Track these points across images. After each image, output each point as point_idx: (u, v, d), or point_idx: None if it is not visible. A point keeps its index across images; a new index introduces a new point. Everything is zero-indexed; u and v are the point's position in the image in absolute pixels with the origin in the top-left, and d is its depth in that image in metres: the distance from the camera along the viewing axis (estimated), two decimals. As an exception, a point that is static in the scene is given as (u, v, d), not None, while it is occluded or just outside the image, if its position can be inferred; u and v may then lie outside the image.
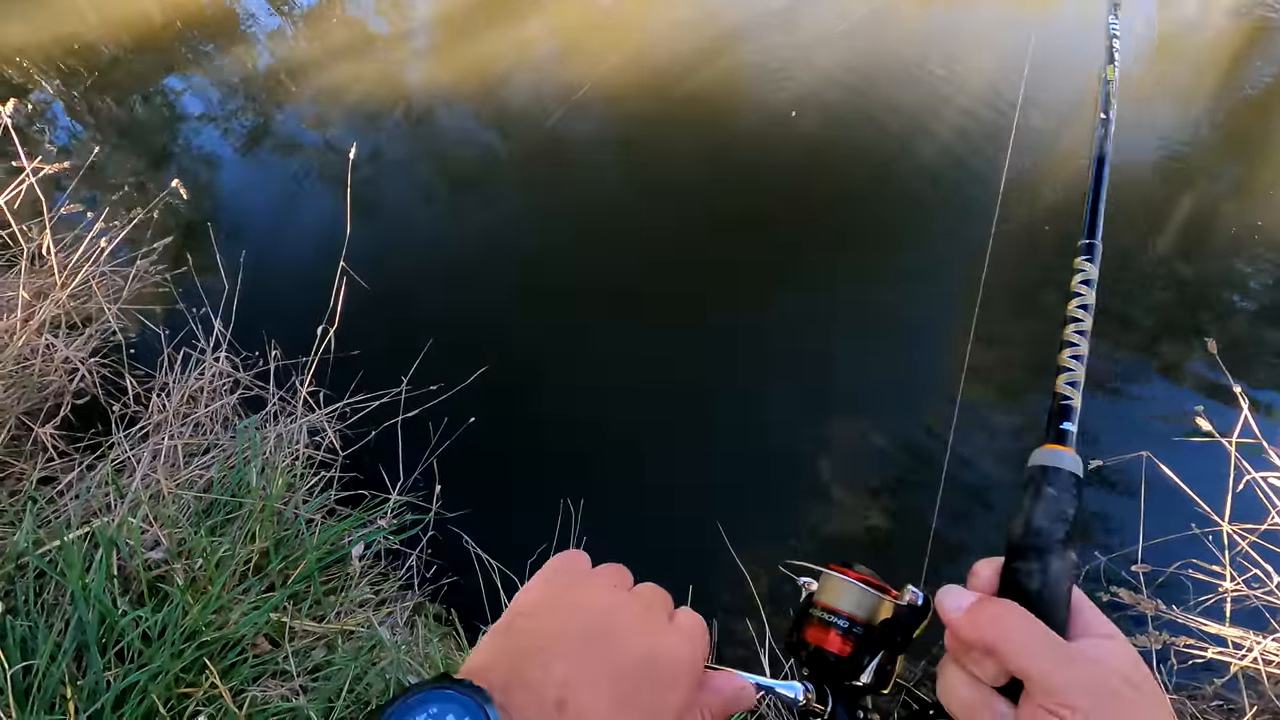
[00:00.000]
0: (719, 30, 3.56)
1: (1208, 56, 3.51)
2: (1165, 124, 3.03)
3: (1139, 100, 3.13)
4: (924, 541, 1.22)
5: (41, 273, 1.77)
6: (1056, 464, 0.38)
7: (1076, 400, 0.42)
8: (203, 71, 3.30)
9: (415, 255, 2.47)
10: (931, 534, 1.31)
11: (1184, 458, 1.43)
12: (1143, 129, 2.98)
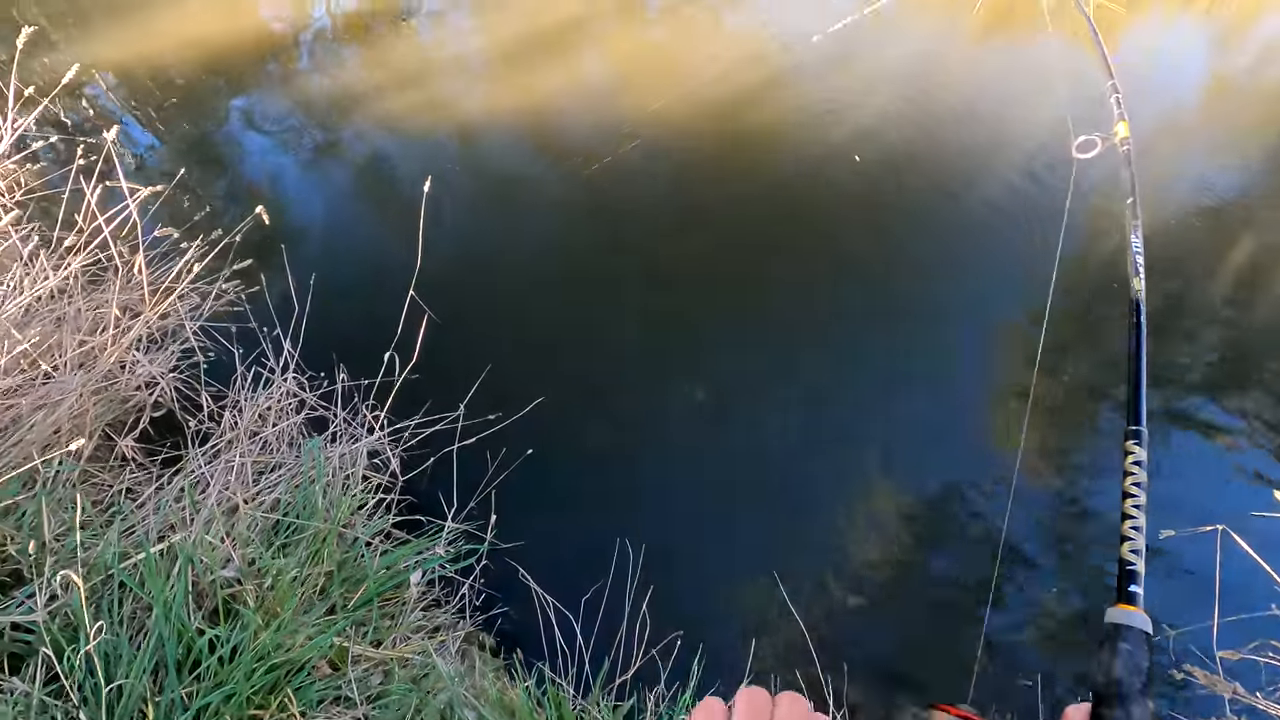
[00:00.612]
0: (772, 69, 3.60)
1: (1263, 105, 3.44)
2: (1218, 171, 2.99)
3: (1188, 146, 3.09)
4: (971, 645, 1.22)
5: (129, 289, 1.86)
6: (1129, 623, 0.44)
7: (1140, 566, 0.51)
8: (276, 98, 3.44)
9: (476, 283, 2.53)
10: (981, 642, 1.31)
11: (1263, 532, 1.39)
12: (1193, 176, 2.94)
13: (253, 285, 2.14)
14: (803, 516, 1.94)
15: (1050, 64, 3.63)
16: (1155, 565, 1.77)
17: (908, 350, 2.36)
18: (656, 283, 2.55)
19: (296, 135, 3.20)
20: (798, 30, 3.89)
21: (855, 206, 2.86)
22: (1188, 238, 2.73)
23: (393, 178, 2.96)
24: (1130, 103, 3.25)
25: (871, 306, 2.51)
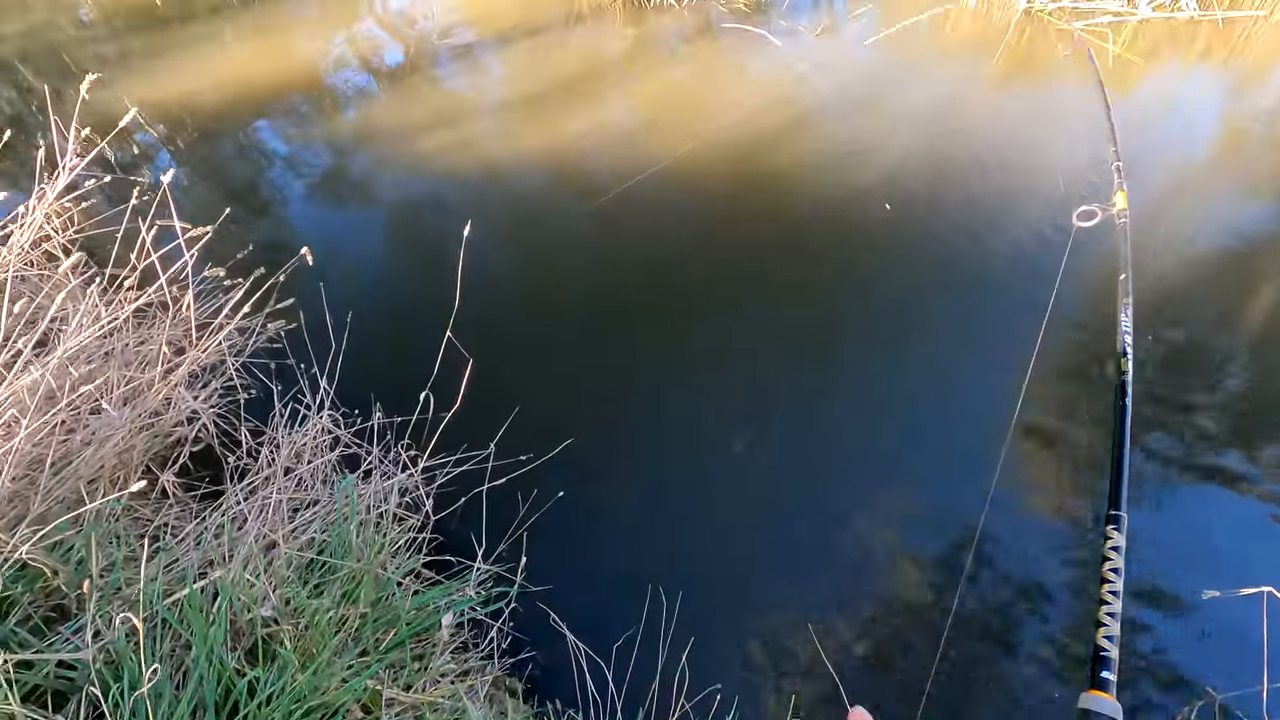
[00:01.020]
0: (795, 112, 3.68)
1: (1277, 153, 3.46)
2: (1233, 213, 3.00)
3: (1205, 188, 3.11)
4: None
5: (175, 325, 1.91)
6: (1099, 709, 0.47)
7: (1114, 653, 0.51)
8: (313, 138, 3.55)
9: (505, 321, 2.57)
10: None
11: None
12: (1208, 218, 2.95)
13: (291, 323, 2.19)
14: (844, 565, 1.92)
15: (1065, 113, 3.69)
16: (1194, 626, 1.73)
17: (932, 397, 2.37)
18: (688, 325, 2.58)
19: (333, 175, 3.29)
20: (819, 68, 3.98)
21: (878, 250, 2.89)
22: (1201, 285, 2.73)
23: (426, 217, 3.03)
24: (1144, 150, 3.31)
25: (899, 356, 2.52)
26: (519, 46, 4.27)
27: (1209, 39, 4.20)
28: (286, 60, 4.18)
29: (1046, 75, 3.97)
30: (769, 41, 4.22)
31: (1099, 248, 2.44)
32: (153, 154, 3.41)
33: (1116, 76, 3.91)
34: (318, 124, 3.63)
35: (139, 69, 4.06)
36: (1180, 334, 2.54)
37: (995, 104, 3.77)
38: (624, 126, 3.63)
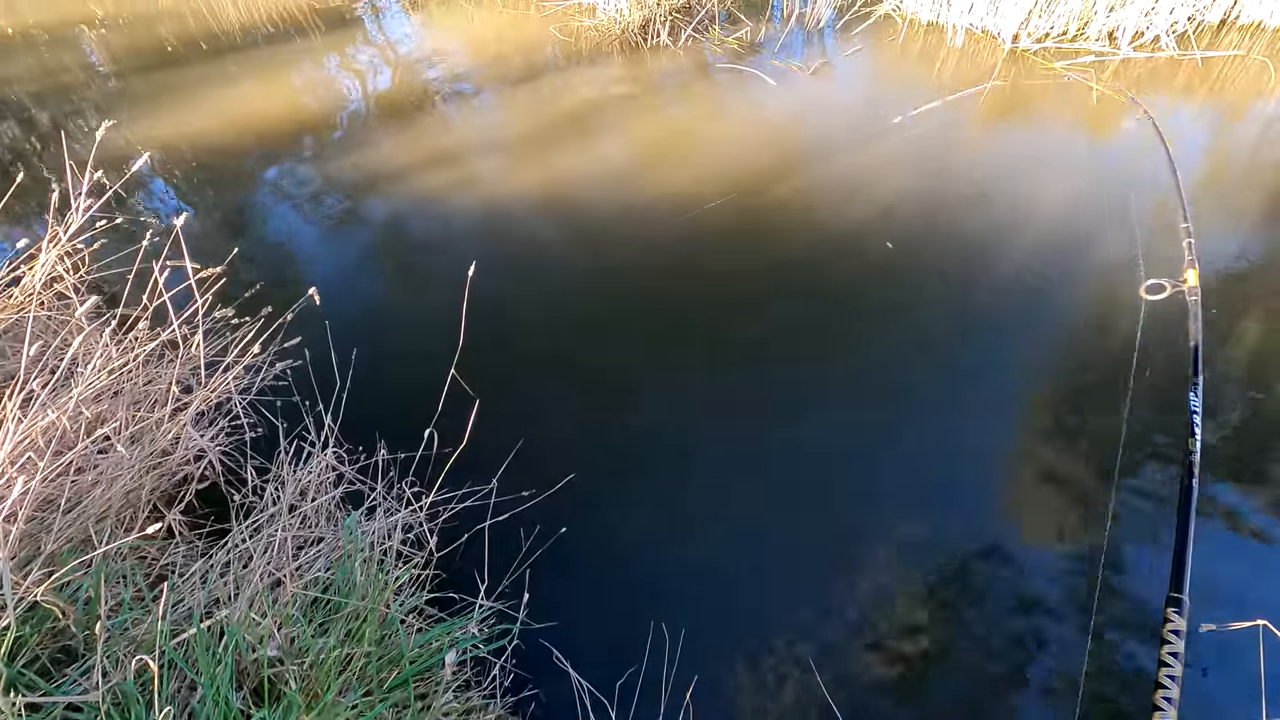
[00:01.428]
0: (791, 148, 3.77)
1: (1262, 178, 3.54)
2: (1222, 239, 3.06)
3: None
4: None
5: (184, 364, 1.94)
6: None
7: None
8: (321, 177, 3.63)
9: (507, 357, 2.61)
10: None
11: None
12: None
13: (297, 360, 2.23)
14: (852, 606, 1.93)
15: (1054, 151, 3.79)
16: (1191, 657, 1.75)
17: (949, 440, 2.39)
18: (694, 362, 2.61)
19: (338, 213, 3.36)
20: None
21: (883, 287, 2.93)
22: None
23: (429, 255, 3.09)
24: (1138, 183, 3.28)
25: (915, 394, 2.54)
26: (520, 88, 4.38)
27: (1189, 77, 4.33)
28: (293, 100, 4.29)
29: (1035, 114, 4.08)
30: (764, 81, 4.34)
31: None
32: (162, 194, 3.48)
33: (1101, 114, 4.03)
34: (324, 163, 3.71)
35: (147, 109, 4.16)
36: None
37: (992, 143, 3.87)
38: (623, 166, 3.71)
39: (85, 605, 1.41)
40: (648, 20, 4.82)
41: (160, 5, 5.43)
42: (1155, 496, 2.16)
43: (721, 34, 4.86)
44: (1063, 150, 3.81)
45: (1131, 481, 2.18)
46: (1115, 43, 4.59)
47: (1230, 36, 4.72)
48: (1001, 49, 4.63)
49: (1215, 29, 4.76)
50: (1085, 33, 4.64)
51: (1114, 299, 2.81)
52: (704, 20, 4.92)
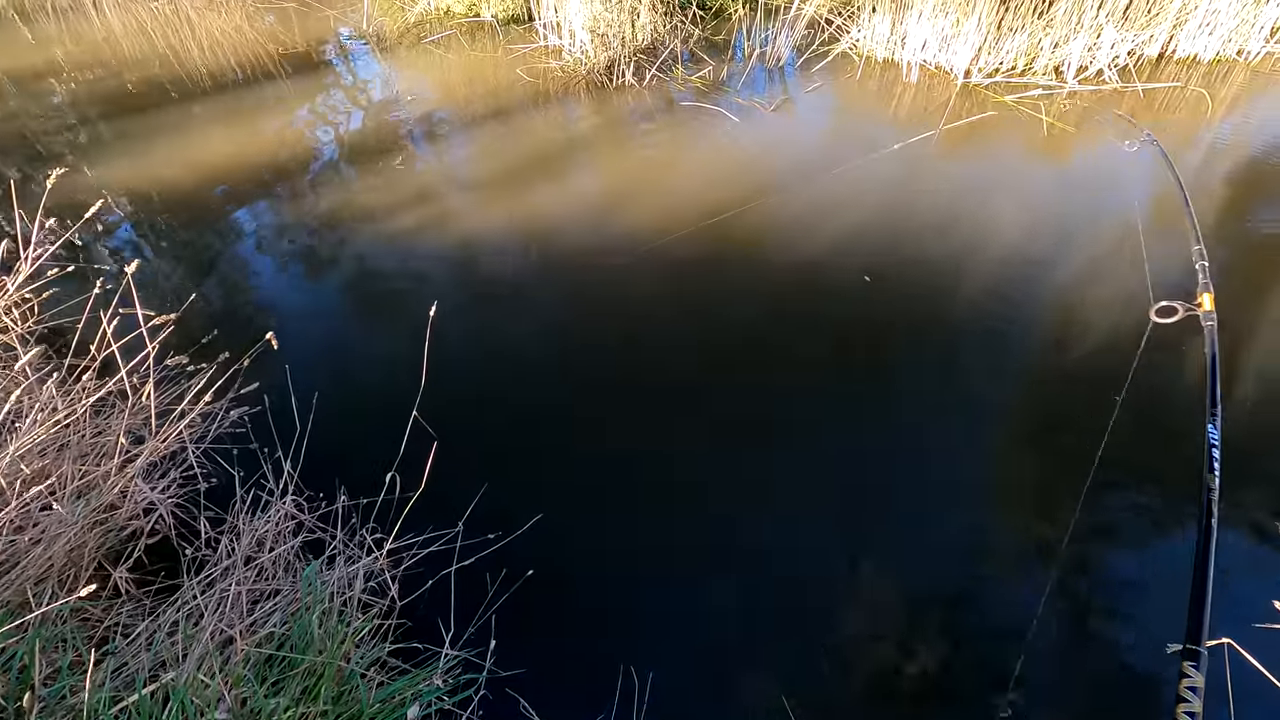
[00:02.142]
0: (756, 180, 3.83)
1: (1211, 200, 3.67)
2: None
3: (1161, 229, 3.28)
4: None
5: (135, 414, 1.89)
6: None
7: None
8: (285, 220, 3.60)
9: (474, 398, 2.58)
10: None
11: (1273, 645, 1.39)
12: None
13: (256, 407, 2.18)
14: (829, 653, 1.89)
15: (1009, 176, 3.91)
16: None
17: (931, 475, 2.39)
18: (662, 397, 2.60)
19: (303, 256, 3.33)
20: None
21: (858, 322, 2.96)
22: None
23: (394, 296, 3.06)
24: (1084, 208, 3.33)
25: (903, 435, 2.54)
26: (489, 128, 4.42)
27: (1132, 108, 4.51)
28: (259, 143, 4.28)
29: (989, 145, 4.21)
30: (727, 118, 4.44)
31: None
32: (121, 239, 3.42)
33: (1052, 144, 4.17)
34: (289, 205, 3.69)
35: (109, 154, 4.12)
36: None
37: (954, 171, 3.98)
38: (591, 202, 3.75)
39: (20, 675, 1.34)
40: (612, 61, 4.92)
41: (125, 52, 5.43)
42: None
43: (685, 73, 4.97)
44: (1037, 176, 3.92)
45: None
46: (1061, 76, 4.78)
47: (1169, 69, 4.95)
48: (955, 84, 4.80)
49: (1154, 62, 4.99)
50: (1033, 67, 4.83)
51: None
52: (667, 60, 5.04)
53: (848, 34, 5.28)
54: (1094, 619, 1.97)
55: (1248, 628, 1.59)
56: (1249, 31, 4.95)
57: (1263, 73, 4.92)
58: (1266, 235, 3.46)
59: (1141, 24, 4.81)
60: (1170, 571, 2.02)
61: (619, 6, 4.92)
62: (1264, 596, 1.73)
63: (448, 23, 5.78)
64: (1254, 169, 3.94)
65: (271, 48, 5.46)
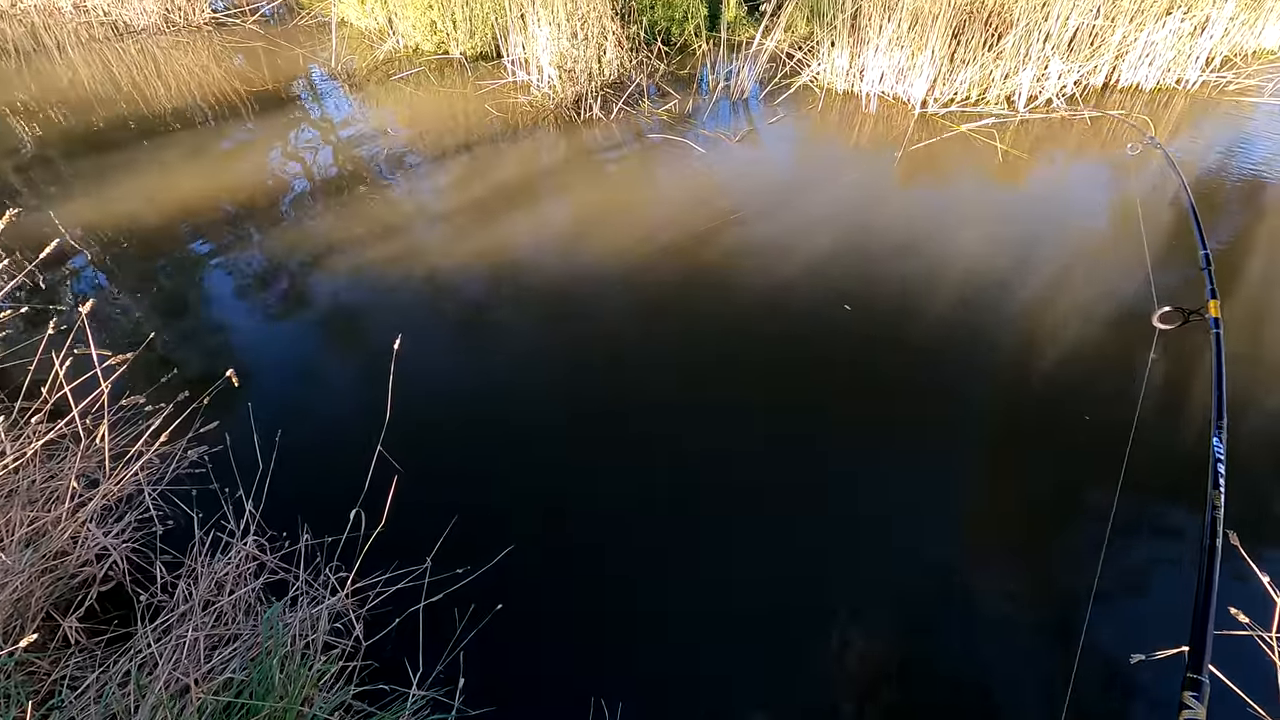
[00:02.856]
0: (725, 208, 3.90)
1: (1157, 223, 3.81)
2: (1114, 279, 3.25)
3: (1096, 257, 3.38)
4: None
5: (88, 457, 1.84)
6: None
7: None
8: (251, 255, 3.57)
9: (442, 431, 2.55)
10: None
11: (1235, 656, 1.41)
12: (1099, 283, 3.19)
13: (217, 445, 2.13)
14: (805, 688, 1.88)
15: (966, 203, 4.03)
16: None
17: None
18: (632, 426, 2.60)
19: (268, 292, 3.30)
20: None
21: (837, 350, 3.00)
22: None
23: (362, 330, 3.04)
24: (1044, 230, 3.39)
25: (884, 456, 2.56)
26: (457, 161, 4.45)
27: (1081, 135, 4.70)
28: (226, 180, 4.25)
29: (948, 171, 4.35)
30: (693, 149, 4.53)
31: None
32: (81, 279, 3.36)
33: (1007, 170, 4.31)
34: (254, 242, 3.67)
35: (71, 193, 4.06)
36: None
37: (917, 199, 4.09)
38: (559, 232, 3.78)
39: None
40: (580, 96, 5.01)
41: (89, 91, 5.39)
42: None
43: (652, 106, 5.08)
44: (1004, 195, 4.05)
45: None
46: (1013, 105, 4.97)
47: (1114, 97, 5.17)
48: (912, 113, 4.96)
49: (1099, 91, 5.21)
50: (986, 97, 5.01)
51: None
52: (634, 94, 5.14)
53: (808, 67, 5.44)
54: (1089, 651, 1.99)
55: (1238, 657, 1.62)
56: (1185, 62, 5.21)
57: (1200, 99, 5.17)
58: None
59: (1085, 55, 5.03)
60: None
61: (585, 43, 5.03)
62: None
63: (416, 60, 5.85)
64: (1205, 186, 4.11)
65: (239, 86, 5.47)
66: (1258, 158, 4.43)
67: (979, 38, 4.82)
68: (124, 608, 1.78)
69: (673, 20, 5.91)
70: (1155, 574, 2.15)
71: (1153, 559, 2.19)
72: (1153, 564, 2.17)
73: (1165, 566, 2.16)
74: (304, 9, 6.96)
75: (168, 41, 6.33)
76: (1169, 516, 2.30)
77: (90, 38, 6.42)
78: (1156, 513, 2.30)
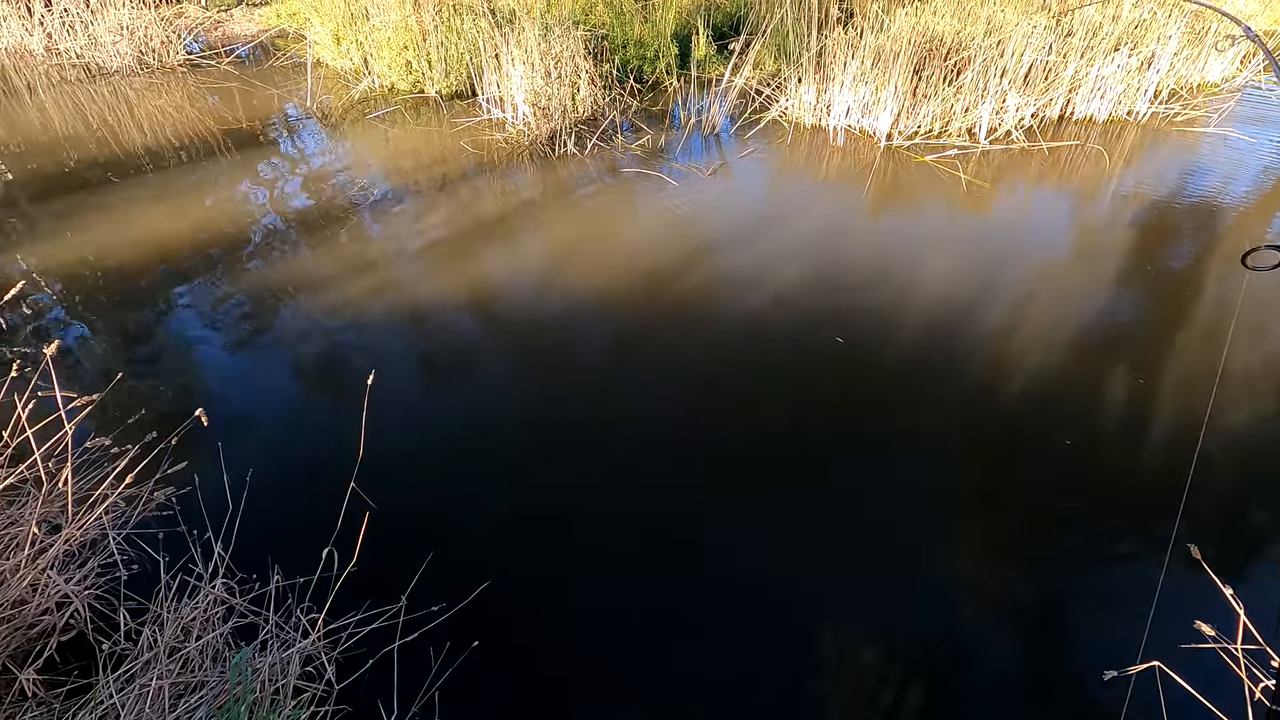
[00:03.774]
0: (699, 239, 3.96)
1: (1119, 250, 3.94)
2: (1087, 308, 3.34)
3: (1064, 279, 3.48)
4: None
5: (51, 501, 1.79)
6: None
7: None
8: (222, 293, 3.55)
9: (416, 469, 2.53)
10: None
11: (1197, 665, 1.44)
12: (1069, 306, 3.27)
13: (185, 486, 2.09)
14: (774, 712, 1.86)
15: (936, 235, 4.13)
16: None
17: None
18: (611, 462, 2.59)
19: (241, 330, 3.27)
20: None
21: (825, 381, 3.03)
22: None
23: (336, 367, 3.02)
24: (1007, 255, 3.48)
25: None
26: (433, 196, 4.49)
27: (1040, 165, 4.87)
28: (201, 219, 4.23)
29: (916, 200, 4.47)
30: (667, 182, 4.61)
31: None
32: (47, 320, 3.30)
33: (971, 199, 4.45)
34: (226, 281, 3.64)
35: (40, 235, 4.02)
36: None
37: (887, 226, 4.19)
38: (535, 267, 3.80)
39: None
40: (554, 132, 5.10)
41: (60, 132, 5.37)
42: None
43: (625, 141, 5.17)
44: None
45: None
46: (974, 137, 5.14)
47: (1070, 129, 5.38)
48: (879, 146, 5.11)
49: (1056, 122, 5.42)
50: (948, 130, 5.19)
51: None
52: (608, 130, 5.24)
53: (777, 103, 5.60)
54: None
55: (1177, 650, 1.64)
56: (1135, 95, 5.45)
57: (1151, 129, 5.39)
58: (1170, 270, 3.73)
59: (1040, 89, 5.24)
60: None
61: (559, 81, 5.13)
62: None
63: (392, 99, 5.91)
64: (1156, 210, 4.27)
65: (213, 125, 5.49)
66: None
67: (939, 73, 5.01)
68: (85, 658, 1.72)
69: (644, 59, 6.06)
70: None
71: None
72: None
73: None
74: (280, 50, 7.03)
75: (141, 83, 6.34)
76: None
77: (62, 79, 6.41)
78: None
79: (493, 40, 5.28)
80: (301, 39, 6.96)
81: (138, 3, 6.74)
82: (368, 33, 6.02)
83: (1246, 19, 6.35)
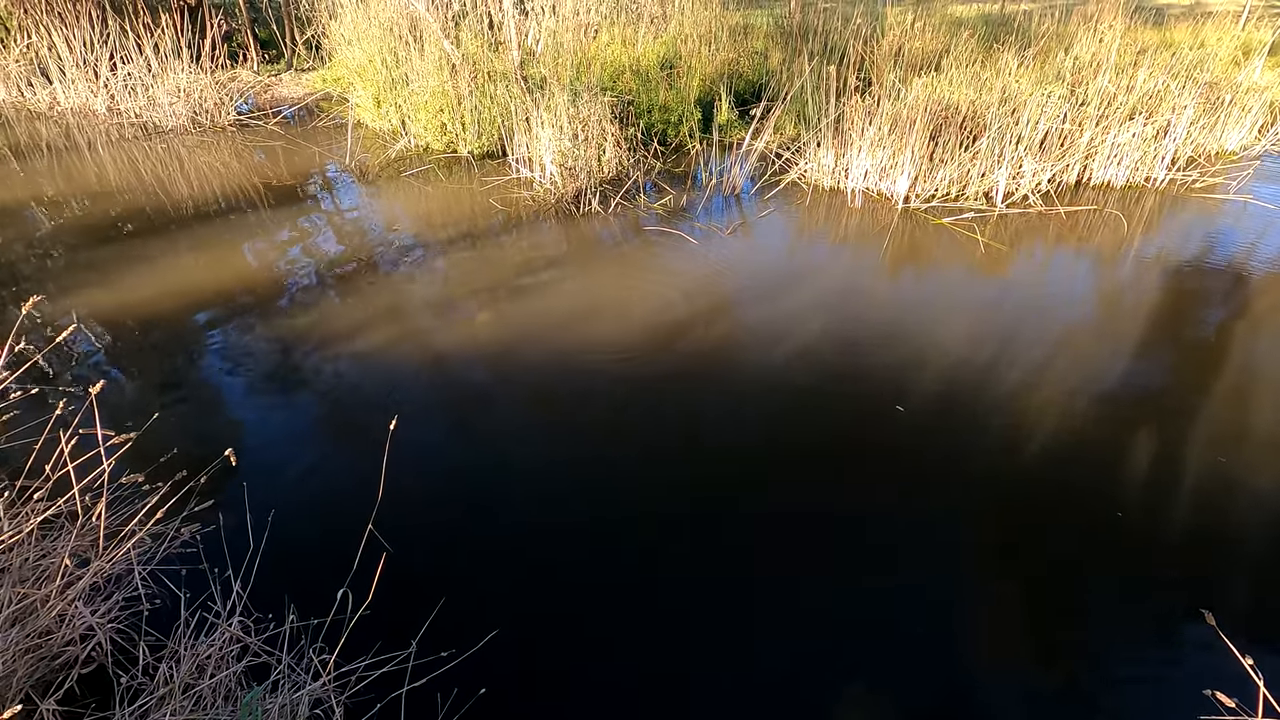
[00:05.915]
0: (719, 296, 4.04)
1: (1143, 311, 3.93)
2: (1110, 372, 3.32)
3: (1085, 350, 3.47)
4: None
5: (83, 535, 1.86)
6: None
7: None
8: (253, 339, 3.69)
9: (433, 514, 2.56)
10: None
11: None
12: (1095, 374, 3.25)
13: (209, 525, 2.15)
14: None
15: (953, 297, 4.17)
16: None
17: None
18: (622, 515, 2.60)
19: (271, 375, 3.38)
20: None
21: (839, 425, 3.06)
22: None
23: (361, 413, 3.10)
24: (1031, 318, 3.53)
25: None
26: (462, 250, 4.66)
27: (1058, 229, 4.93)
28: (239, 269, 4.44)
29: (933, 261, 4.54)
30: (688, 241, 4.74)
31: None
32: (91, 362, 3.46)
33: (989, 261, 4.50)
34: (261, 328, 3.79)
35: (89, 282, 4.23)
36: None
37: (912, 291, 4.25)
38: (558, 321, 3.90)
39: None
40: (580, 191, 5.29)
41: (114, 185, 5.70)
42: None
43: (648, 201, 5.35)
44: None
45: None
46: (991, 201, 5.23)
47: (1087, 194, 5.45)
48: (896, 208, 5.22)
49: (1074, 187, 5.50)
50: (965, 193, 5.29)
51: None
52: (631, 190, 5.43)
53: (796, 166, 5.77)
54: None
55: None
56: (1152, 161, 5.52)
57: (1170, 195, 5.44)
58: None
59: (1056, 155, 5.35)
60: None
61: (586, 143, 5.36)
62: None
63: (426, 158, 6.20)
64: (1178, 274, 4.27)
65: (257, 180, 5.78)
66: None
67: (955, 139, 5.14)
68: (103, 691, 1.75)
69: (668, 123, 6.31)
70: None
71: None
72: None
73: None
74: (324, 112, 7.45)
75: (193, 141, 6.73)
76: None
77: (120, 137, 6.83)
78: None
79: (524, 104, 5.56)
80: (344, 101, 7.38)
81: (196, 68, 7.23)
82: (406, 96, 6.37)
83: (1263, 90, 6.46)
